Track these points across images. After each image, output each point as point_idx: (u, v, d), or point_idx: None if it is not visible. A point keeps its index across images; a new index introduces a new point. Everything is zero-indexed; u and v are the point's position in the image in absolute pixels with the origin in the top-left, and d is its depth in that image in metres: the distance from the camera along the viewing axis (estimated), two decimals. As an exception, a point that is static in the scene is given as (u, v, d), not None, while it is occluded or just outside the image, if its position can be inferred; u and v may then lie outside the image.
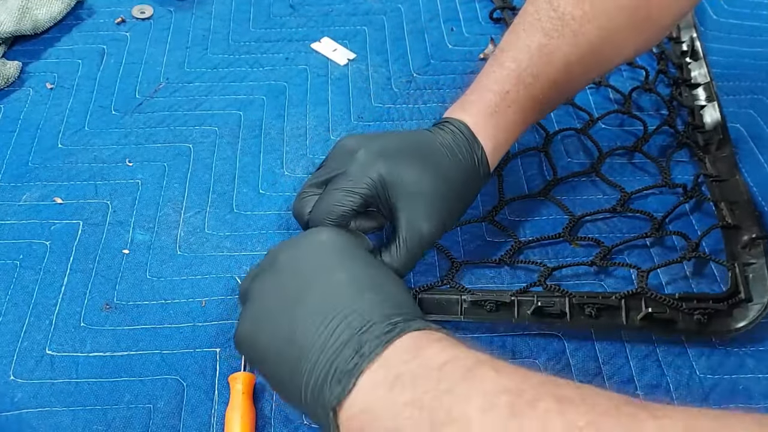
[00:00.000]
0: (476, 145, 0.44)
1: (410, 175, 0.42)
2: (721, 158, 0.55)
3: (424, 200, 0.42)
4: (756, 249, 0.48)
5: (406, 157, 0.42)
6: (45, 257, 0.49)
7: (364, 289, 0.35)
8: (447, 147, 0.44)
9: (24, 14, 0.64)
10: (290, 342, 0.34)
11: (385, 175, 0.42)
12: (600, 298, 0.45)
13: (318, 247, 0.38)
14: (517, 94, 0.45)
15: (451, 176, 0.43)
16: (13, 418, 0.41)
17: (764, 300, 0.44)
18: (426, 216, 0.42)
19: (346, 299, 0.34)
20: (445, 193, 0.43)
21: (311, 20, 0.69)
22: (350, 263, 0.37)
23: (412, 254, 0.42)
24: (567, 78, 0.46)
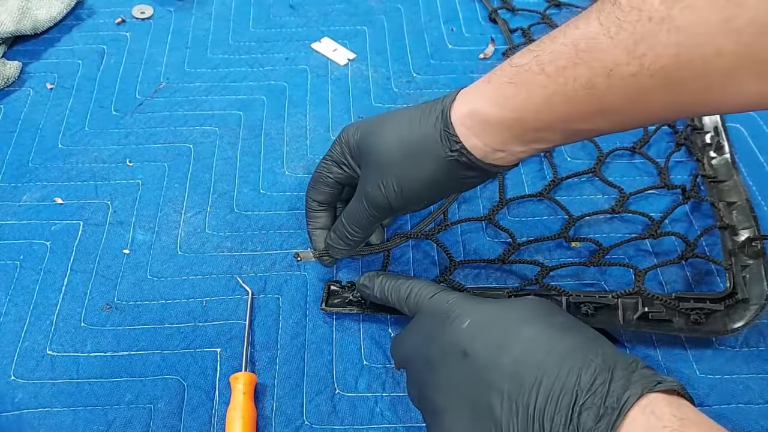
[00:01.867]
0: (444, 104, 0.39)
1: (373, 140, 0.41)
2: (719, 159, 0.55)
3: (373, 163, 0.41)
4: (753, 250, 0.48)
5: (377, 125, 0.42)
6: (45, 257, 0.49)
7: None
8: (423, 111, 0.40)
9: (24, 14, 0.65)
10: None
11: (355, 142, 0.43)
12: (597, 297, 0.45)
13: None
14: (528, 75, 0.35)
15: (404, 135, 0.40)
16: (14, 418, 0.41)
17: (761, 300, 0.44)
18: (370, 178, 0.41)
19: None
20: (391, 155, 0.40)
21: (311, 20, 0.69)
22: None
23: (361, 212, 0.42)
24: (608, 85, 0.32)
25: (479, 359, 0.33)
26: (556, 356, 0.31)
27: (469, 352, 0.34)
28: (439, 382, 0.35)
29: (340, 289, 0.47)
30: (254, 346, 0.45)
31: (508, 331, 0.33)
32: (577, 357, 0.31)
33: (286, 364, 0.44)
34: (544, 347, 0.32)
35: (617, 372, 0.30)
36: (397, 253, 0.50)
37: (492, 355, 0.33)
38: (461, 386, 0.34)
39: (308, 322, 0.46)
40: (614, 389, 0.29)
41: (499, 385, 0.32)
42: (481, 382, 0.32)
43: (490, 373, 0.32)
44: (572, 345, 0.32)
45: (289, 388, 0.43)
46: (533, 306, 0.35)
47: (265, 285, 0.48)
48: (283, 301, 0.47)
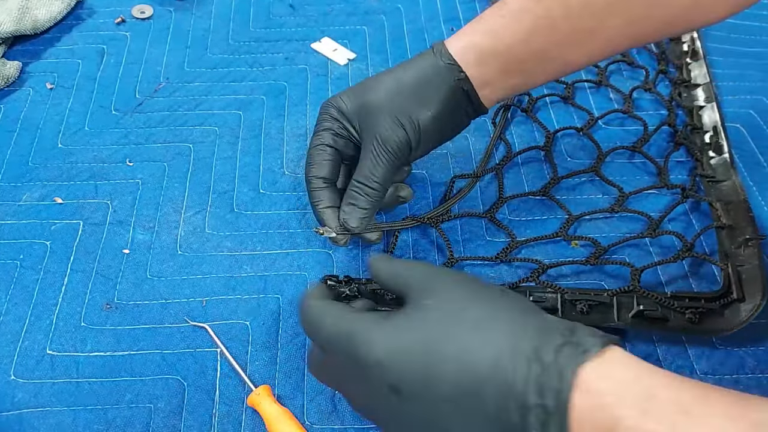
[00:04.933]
0: (439, 45, 0.44)
1: (366, 95, 0.43)
2: (718, 159, 0.56)
3: (377, 110, 0.43)
4: (750, 249, 0.48)
5: (367, 82, 0.44)
6: (45, 257, 0.49)
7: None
8: (411, 60, 0.45)
9: (24, 14, 0.64)
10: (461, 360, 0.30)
11: (338, 103, 0.44)
12: (592, 295, 0.45)
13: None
14: (517, 6, 0.43)
15: (406, 75, 0.44)
16: (14, 417, 0.41)
17: (756, 300, 0.44)
18: (379, 124, 0.43)
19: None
20: (396, 95, 0.43)
21: (311, 20, 0.69)
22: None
23: (379, 165, 0.43)
24: (585, 6, 0.42)
25: (412, 393, 0.30)
26: (487, 367, 0.29)
27: (400, 387, 0.31)
28: (380, 413, 0.33)
29: (336, 284, 0.47)
30: (254, 346, 0.45)
31: (432, 357, 0.30)
32: (506, 355, 0.29)
33: (287, 363, 0.44)
34: (470, 362, 0.29)
35: (547, 356, 0.28)
36: (396, 252, 0.50)
37: (426, 387, 0.30)
38: (405, 417, 0.31)
39: (308, 321, 0.46)
40: (551, 382, 0.28)
41: (447, 413, 0.30)
42: (426, 414, 0.31)
43: (432, 405, 0.30)
44: (496, 342, 0.30)
45: (290, 388, 0.43)
46: (442, 312, 0.32)
47: (265, 285, 0.48)
48: (283, 301, 0.47)
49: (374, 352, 0.31)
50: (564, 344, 0.29)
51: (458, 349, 0.30)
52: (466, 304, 0.32)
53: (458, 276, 0.34)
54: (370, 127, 0.43)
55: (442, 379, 0.30)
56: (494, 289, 0.33)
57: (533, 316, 0.31)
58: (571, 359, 0.28)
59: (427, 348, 0.30)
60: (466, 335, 0.30)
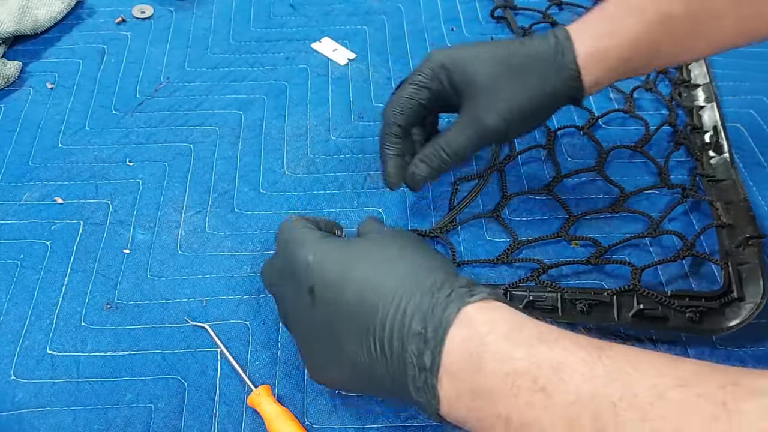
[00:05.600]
0: (567, 45, 0.43)
1: (479, 75, 0.43)
2: (718, 159, 0.56)
3: (489, 98, 0.43)
4: (750, 249, 0.48)
5: (479, 58, 0.43)
6: (46, 257, 0.49)
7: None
8: (531, 49, 0.43)
9: (24, 14, 0.64)
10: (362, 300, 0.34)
11: (453, 73, 0.43)
12: (592, 294, 0.45)
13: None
14: (639, 3, 0.43)
15: (525, 76, 0.43)
16: (14, 417, 0.41)
17: (757, 299, 0.44)
18: (487, 112, 0.43)
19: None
20: (512, 92, 0.43)
21: (311, 20, 0.69)
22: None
23: (467, 141, 0.44)
24: (704, 6, 0.42)
25: (324, 297, 0.35)
26: (388, 289, 0.33)
27: (315, 290, 0.36)
28: (297, 316, 0.38)
29: None
30: (254, 346, 0.45)
31: (347, 267, 0.35)
32: (407, 285, 0.33)
33: (287, 363, 0.44)
34: (375, 282, 0.34)
35: (441, 293, 0.32)
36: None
37: (334, 296, 0.35)
38: (315, 321, 0.36)
39: (308, 321, 0.46)
40: (436, 312, 0.32)
41: (345, 323, 0.34)
42: (329, 320, 0.35)
43: (335, 312, 0.35)
44: (403, 273, 0.34)
45: (290, 388, 0.43)
46: (374, 241, 0.37)
47: (266, 285, 0.48)
48: (284, 300, 0.47)
49: (306, 256, 0.36)
50: (458, 287, 0.33)
51: (368, 269, 0.35)
52: (389, 239, 0.37)
53: (398, 230, 0.40)
54: (471, 102, 0.43)
55: (348, 290, 0.34)
56: (422, 241, 0.39)
57: (445, 266, 0.35)
58: (460, 298, 0.32)
59: (347, 263, 0.35)
60: (379, 260, 0.35)
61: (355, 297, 0.34)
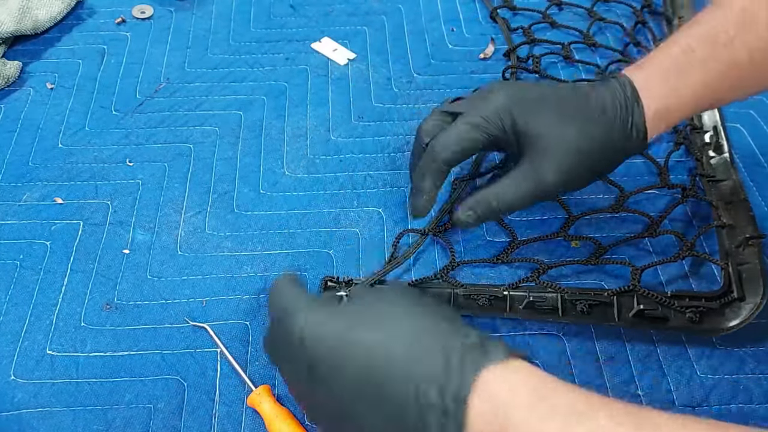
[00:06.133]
0: (635, 105, 0.40)
1: (544, 127, 0.41)
2: (718, 159, 0.56)
3: (553, 154, 0.41)
4: (750, 249, 0.48)
5: (546, 107, 0.41)
6: (45, 257, 0.49)
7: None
8: (599, 103, 0.41)
9: (24, 14, 0.64)
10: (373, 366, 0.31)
11: (518, 120, 0.41)
12: (592, 295, 0.45)
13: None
14: (705, 54, 0.40)
15: (594, 135, 0.41)
16: (14, 418, 0.41)
17: (757, 299, 0.44)
18: (549, 169, 0.41)
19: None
20: (578, 147, 0.41)
21: (311, 20, 0.69)
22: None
23: (522, 197, 0.42)
24: (766, 50, 0.40)
25: (324, 376, 0.32)
26: (395, 360, 0.30)
27: (315, 368, 0.32)
28: (300, 394, 0.35)
29: (336, 285, 0.47)
30: (254, 346, 0.45)
31: (344, 340, 0.32)
32: (414, 352, 0.30)
33: (286, 364, 0.44)
34: (378, 354, 0.30)
35: (454, 357, 0.29)
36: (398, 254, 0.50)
37: (334, 372, 0.31)
38: (318, 401, 0.33)
39: (308, 322, 0.46)
40: (452, 383, 0.29)
41: (352, 402, 0.31)
42: (334, 398, 0.32)
43: (339, 391, 0.31)
44: (408, 339, 0.31)
45: (289, 388, 0.43)
46: (368, 306, 0.34)
47: (265, 285, 0.48)
48: (283, 301, 0.47)
49: (300, 330, 0.32)
50: (471, 348, 0.30)
51: (370, 338, 0.31)
52: (386, 302, 0.34)
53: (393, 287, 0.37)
54: (531, 154, 0.41)
55: (351, 364, 0.31)
56: (421, 296, 0.36)
57: (450, 321, 0.32)
58: (475, 362, 0.29)
59: (344, 333, 0.32)
60: (381, 326, 0.32)
61: (358, 373, 0.31)
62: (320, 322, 0.32)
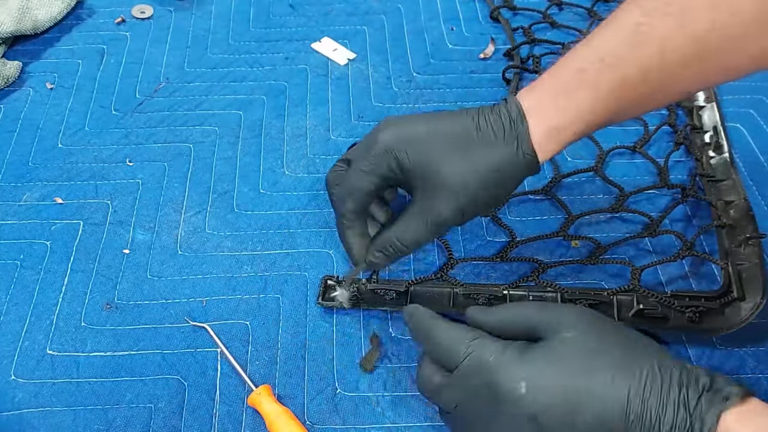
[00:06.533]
0: (522, 128, 0.40)
1: (432, 163, 0.40)
2: (718, 159, 0.56)
3: (443, 189, 0.40)
4: (750, 248, 0.48)
5: (431, 143, 0.40)
6: (45, 257, 0.49)
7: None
8: (485, 129, 0.40)
9: (24, 14, 0.64)
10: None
11: (403, 160, 0.40)
12: (592, 294, 0.46)
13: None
14: (595, 75, 0.39)
15: (482, 163, 0.40)
16: (14, 417, 0.41)
17: (757, 299, 0.44)
18: (442, 205, 0.40)
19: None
20: (466, 178, 0.40)
21: (311, 20, 0.69)
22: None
23: (422, 232, 0.41)
24: (660, 68, 0.38)
25: (551, 427, 0.32)
26: (629, 402, 0.31)
27: (539, 419, 0.32)
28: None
29: (336, 284, 0.47)
30: (254, 346, 0.45)
31: (572, 390, 0.32)
32: (646, 393, 0.31)
33: (287, 363, 0.44)
34: (610, 397, 0.31)
35: (690, 398, 0.30)
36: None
37: (566, 420, 0.32)
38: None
39: (308, 321, 0.46)
40: (694, 428, 0.30)
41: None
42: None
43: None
44: (635, 378, 0.32)
45: (290, 387, 0.43)
46: (579, 346, 0.34)
47: (265, 285, 0.48)
48: (283, 301, 0.47)
49: (518, 389, 0.33)
50: (706, 391, 0.30)
51: (600, 385, 0.31)
52: (604, 341, 0.33)
53: (586, 311, 0.36)
54: (424, 189, 0.40)
55: (583, 414, 0.32)
56: (626, 328, 0.35)
57: (673, 359, 0.33)
58: (714, 406, 0.30)
59: (568, 383, 0.32)
60: (608, 372, 0.32)
61: (593, 421, 0.31)
62: (538, 376, 0.33)
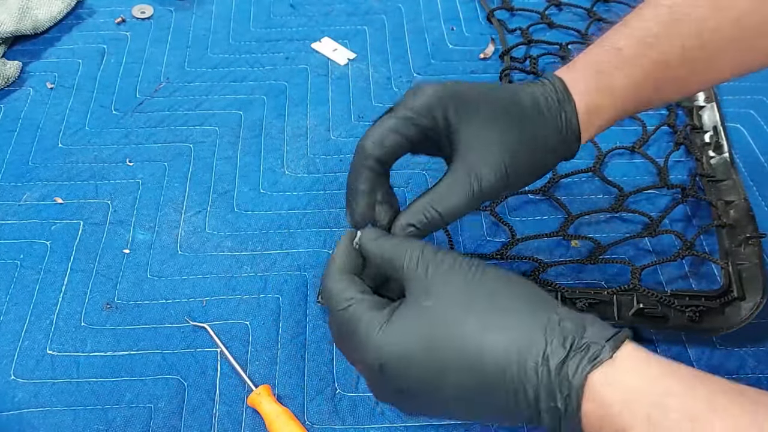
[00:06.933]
0: (567, 101, 0.39)
1: (479, 124, 0.37)
2: (718, 159, 0.56)
3: (489, 147, 0.37)
4: (750, 248, 0.48)
5: (480, 104, 0.38)
6: (45, 257, 0.49)
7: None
8: (531, 99, 0.39)
9: (24, 14, 0.64)
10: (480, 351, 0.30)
11: (450, 115, 0.37)
12: (592, 293, 0.45)
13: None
14: (633, 53, 0.39)
15: (528, 129, 0.38)
16: (14, 417, 0.41)
17: (757, 299, 0.45)
18: (486, 162, 0.37)
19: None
20: (514, 145, 0.38)
21: (311, 20, 0.69)
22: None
23: (462, 199, 0.37)
24: (700, 48, 0.39)
25: (418, 394, 0.32)
26: (491, 374, 0.30)
27: (405, 390, 0.32)
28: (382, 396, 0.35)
29: None
30: (254, 346, 0.45)
31: (435, 363, 0.31)
32: (513, 368, 0.29)
33: (287, 363, 0.44)
34: (474, 368, 0.30)
35: (552, 363, 0.29)
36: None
37: (429, 393, 0.32)
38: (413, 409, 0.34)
39: (308, 322, 0.46)
40: (560, 390, 0.29)
41: (452, 411, 0.32)
42: (432, 409, 0.33)
43: (436, 404, 0.32)
44: (502, 354, 0.30)
45: (290, 387, 0.43)
46: (443, 311, 0.32)
47: (265, 285, 0.48)
48: (283, 301, 0.47)
49: (378, 358, 0.31)
50: (573, 349, 0.29)
51: (463, 354, 0.30)
52: (468, 304, 0.31)
53: (457, 267, 0.33)
54: (467, 150, 0.37)
55: (448, 384, 0.30)
56: (497, 281, 0.32)
57: (541, 312, 0.31)
58: (580, 367, 0.28)
59: (431, 355, 0.31)
60: (471, 339, 0.30)
61: (458, 391, 0.31)
62: (399, 346, 0.31)
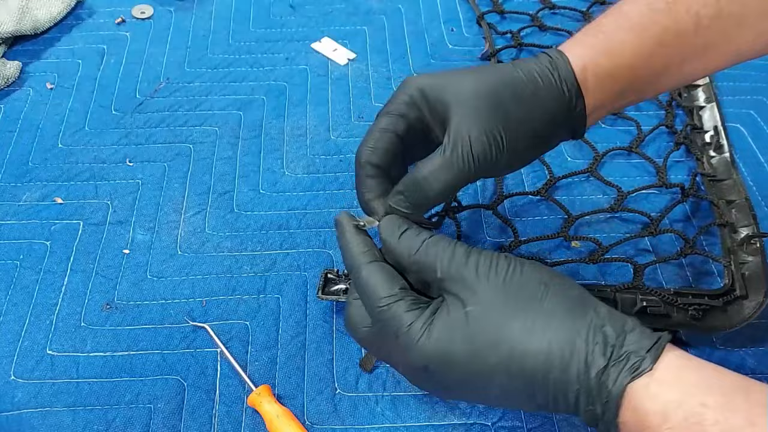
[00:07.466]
0: (562, 64, 0.37)
1: (468, 95, 0.36)
2: (718, 158, 0.56)
3: (479, 114, 0.36)
4: (752, 247, 0.48)
5: (459, 75, 0.37)
6: (45, 257, 0.49)
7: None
8: (525, 70, 0.37)
9: (24, 14, 0.65)
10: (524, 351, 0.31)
11: (425, 87, 0.37)
12: (595, 291, 0.45)
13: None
14: (641, 19, 0.37)
15: (524, 99, 0.36)
16: (14, 417, 0.41)
17: (759, 297, 0.45)
18: (476, 123, 0.35)
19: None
20: (509, 114, 0.36)
21: (311, 20, 0.69)
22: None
23: (457, 165, 0.35)
24: (717, 15, 0.36)
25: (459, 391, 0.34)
26: (534, 378, 0.31)
27: (448, 387, 0.34)
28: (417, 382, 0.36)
29: (336, 278, 0.47)
30: (254, 346, 0.45)
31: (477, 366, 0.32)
32: (555, 373, 0.30)
33: (287, 364, 0.44)
34: (516, 373, 0.31)
35: (592, 372, 0.30)
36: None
37: (470, 391, 0.33)
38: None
39: (308, 322, 0.46)
40: (599, 397, 0.29)
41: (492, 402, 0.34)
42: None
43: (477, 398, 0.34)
44: (544, 359, 0.31)
45: (290, 388, 0.43)
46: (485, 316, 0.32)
47: (265, 285, 0.48)
48: (283, 301, 0.47)
49: (423, 360, 0.32)
50: (613, 359, 0.30)
51: (508, 360, 0.31)
52: (511, 307, 0.32)
53: (495, 267, 0.33)
54: (454, 126, 0.36)
55: (492, 385, 0.32)
56: (537, 280, 0.33)
57: (582, 315, 0.31)
58: (620, 378, 0.29)
59: (475, 359, 0.31)
60: (516, 344, 0.31)
61: (500, 391, 0.32)
62: (443, 349, 0.32)
